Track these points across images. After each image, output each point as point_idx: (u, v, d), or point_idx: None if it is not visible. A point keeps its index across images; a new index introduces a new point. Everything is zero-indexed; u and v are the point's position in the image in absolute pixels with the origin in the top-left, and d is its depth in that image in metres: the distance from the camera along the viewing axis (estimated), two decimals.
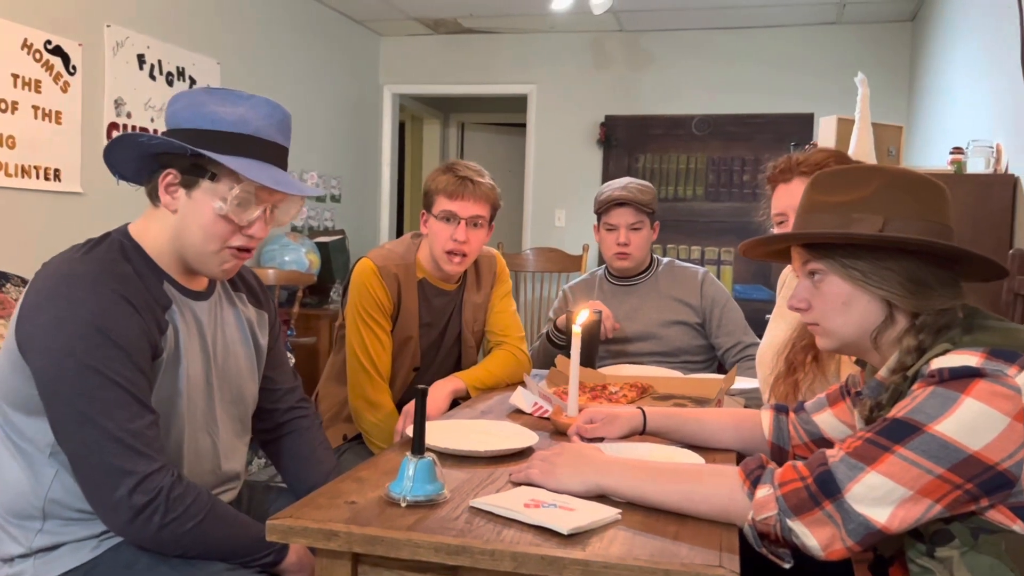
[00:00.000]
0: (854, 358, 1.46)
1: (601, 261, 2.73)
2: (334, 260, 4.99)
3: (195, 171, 1.34)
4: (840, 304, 1.25)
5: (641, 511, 1.22)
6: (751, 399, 2.16)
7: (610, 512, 1.19)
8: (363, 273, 2.12)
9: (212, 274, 1.42)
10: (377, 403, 2.10)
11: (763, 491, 1.14)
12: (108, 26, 3.63)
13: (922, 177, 1.24)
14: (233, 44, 4.46)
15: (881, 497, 1.08)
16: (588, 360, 2.29)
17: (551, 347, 2.60)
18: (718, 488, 1.19)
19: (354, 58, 5.83)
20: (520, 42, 5.97)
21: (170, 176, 1.35)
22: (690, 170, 5.70)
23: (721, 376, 2.29)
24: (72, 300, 1.24)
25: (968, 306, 1.21)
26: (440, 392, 2.07)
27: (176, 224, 1.37)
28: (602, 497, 1.27)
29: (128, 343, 1.25)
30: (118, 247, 1.35)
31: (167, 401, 1.35)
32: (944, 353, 1.13)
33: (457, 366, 2.30)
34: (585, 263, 5.57)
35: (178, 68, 4.05)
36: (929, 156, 4.03)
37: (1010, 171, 2.98)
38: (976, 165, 3.09)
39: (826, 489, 1.10)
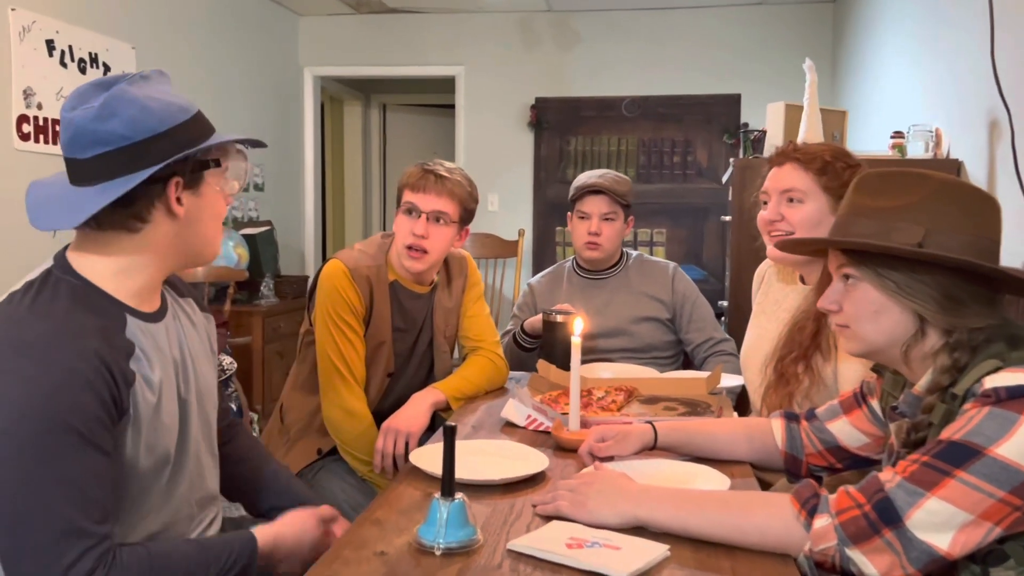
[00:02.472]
0: (871, 363, 1.45)
1: (540, 250, 2.66)
2: (263, 253, 4.78)
3: (199, 166, 1.23)
4: (871, 312, 1.23)
5: (689, 544, 1.17)
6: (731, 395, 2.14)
7: (659, 549, 1.13)
8: (333, 275, 2.01)
9: (212, 257, 1.32)
10: (356, 412, 1.99)
11: (821, 521, 1.11)
12: (13, 9, 3.33)
13: (972, 188, 1.21)
14: (148, 28, 4.19)
15: (943, 523, 1.06)
16: (563, 360, 2.22)
17: (518, 350, 2.53)
18: (771, 519, 1.14)
19: (273, 39, 5.57)
20: (447, 22, 5.82)
21: (176, 184, 1.21)
22: (621, 152, 5.69)
23: (700, 373, 2.26)
24: (19, 377, 1.07)
25: (1008, 319, 1.19)
26: (420, 406, 1.97)
27: (177, 231, 1.23)
28: (638, 528, 1.21)
29: (82, 424, 1.09)
30: (68, 292, 1.16)
31: (144, 451, 1.21)
32: (996, 371, 1.11)
33: (430, 372, 2.20)
34: (521, 248, 5.51)
35: (91, 54, 3.76)
36: (867, 141, 4.11)
37: (952, 155, 3.05)
38: (916, 149, 3.15)
39: (886, 516, 1.07)
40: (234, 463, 1.52)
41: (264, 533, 1.29)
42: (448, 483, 1.16)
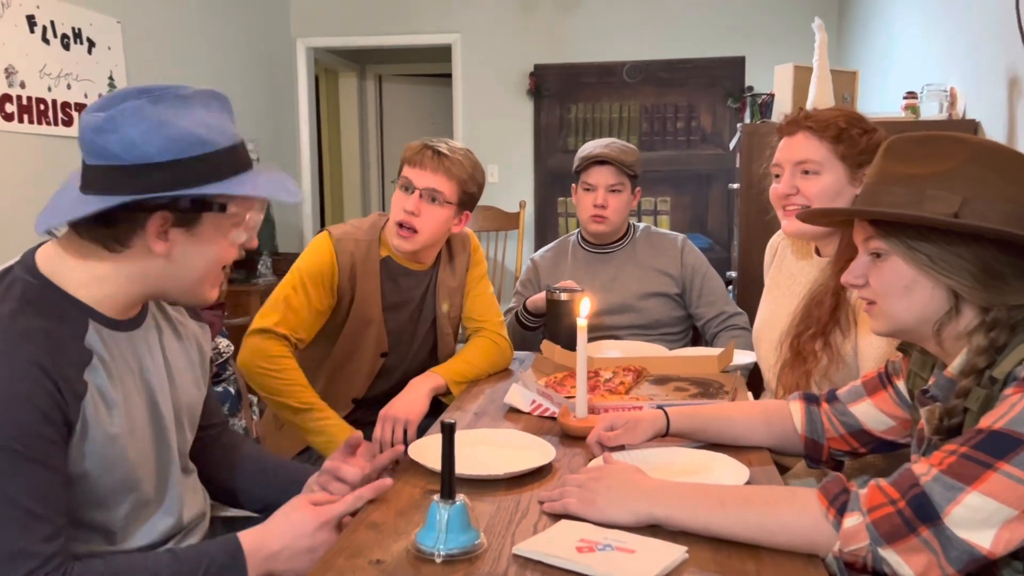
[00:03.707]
0: (894, 340, 1.36)
1: (543, 222, 2.56)
2: (259, 230, 4.67)
3: (197, 207, 1.10)
4: (901, 288, 1.14)
5: (708, 544, 1.08)
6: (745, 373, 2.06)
7: (677, 552, 1.05)
8: (317, 241, 1.98)
9: (202, 303, 1.21)
10: (269, 350, 1.85)
11: (851, 520, 1.02)
12: None
13: (1014, 152, 1.12)
14: (133, 0, 4.05)
15: (984, 519, 0.98)
16: (568, 341, 2.13)
17: (520, 329, 2.44)
18: (798, 517, 1.06)
19: (263, 10, 5.42)
20: None
21: (161, 219, 1.09)
22: (623, 119, 5.56)
23: (711, 350, 2.18)
24: None
25: None
26: (418, 392, 1.89)
27: (161, 268, 1.12)
28: (653, 527, 1.13)
29: (19, 441, 1.00)
30: (19, 293, 1.07)
31: (103, 465, 1.12)
32: None
33: (433, 354, 2.12)
34: (523, 220, 5.40)
35: (74, 29, 3.64)
36: (878, 102, 3.98)
37: (968, 116, 2.94)
38: (930, 110, 3.03)
39: (922, 513, 0.99)
40: (218, 465, 1.44)
41: (250, 534, 1.19)
42: (448, 485, 1.08)
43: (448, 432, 1.08)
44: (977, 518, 0.97)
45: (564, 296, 2.17)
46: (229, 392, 3.19)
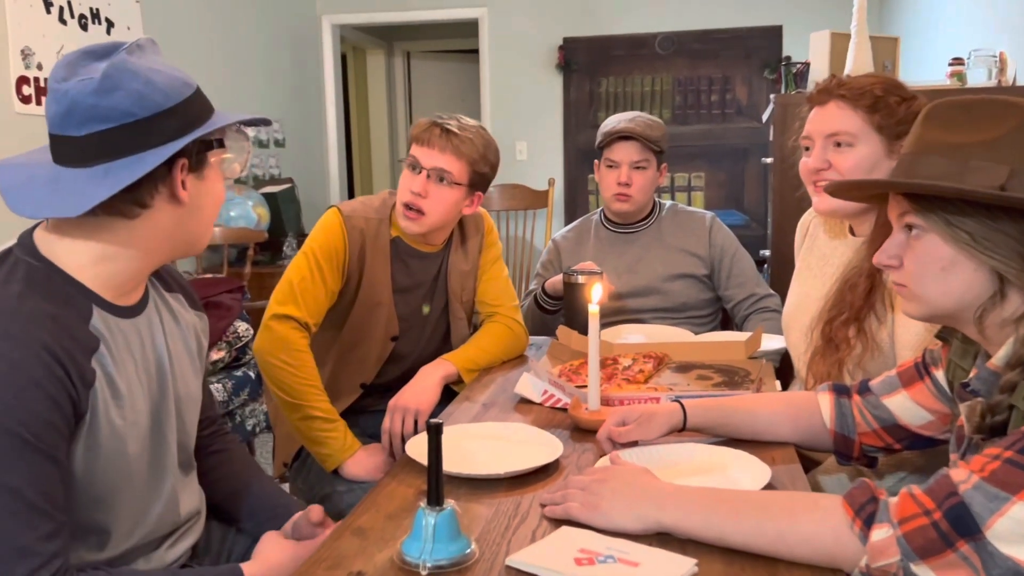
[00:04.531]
0: (935, 327, 1.24)
1: (572, 200, 2.45)
2: (284, 212, 4.63)
3: (204, 147, 1.10)
4: (938, 269, 1.03)
5: (720, 556, 0.99)
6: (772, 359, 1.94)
7: (686, 565, 0.96)
8: (326, 218, 1.89)
9: (202, 249, 1.19)
10: (284, 336, 1.77)
11: (880, 532, 0.92)
12: None
13: None
14: None
15: None
16: (585, 326, 2.03)
17: (540, 312, 2.35)
18: (819, 527, 0.96)
19: None
20: None
21: (183, 167, 1.08)
22: (655, 92, 5.40)
23: (739, 335, 2.06)
24: None
25: None
26: (429, 380, 1.81)
27: (178, 218, 1.10)
28: (661, 534, 1.04)
29: (26, 428, 0.95)
30: (24, 276, 1.02)
31: (104, 460, 1.06)
32: None
33: (446, 340, 2.03)
34: (551, 198, 5.29)
35: (92, 9, 3.59)
36: (922, 70, 3.79)
37: (1019, 83, 2.76)
38: (978, 77, 2.86)
39: (960, 526, 0.88)
40: (216, 475, 1.37)
41: (254, 567, 1.15)
42: (435, 490, 0.99)
43: (434, 434, 0.99)
44: (1023, 532, 0.86)
45: (582, 279, 2.07)
46: (249, 376, 3.15)
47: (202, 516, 1.31)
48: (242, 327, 3.16)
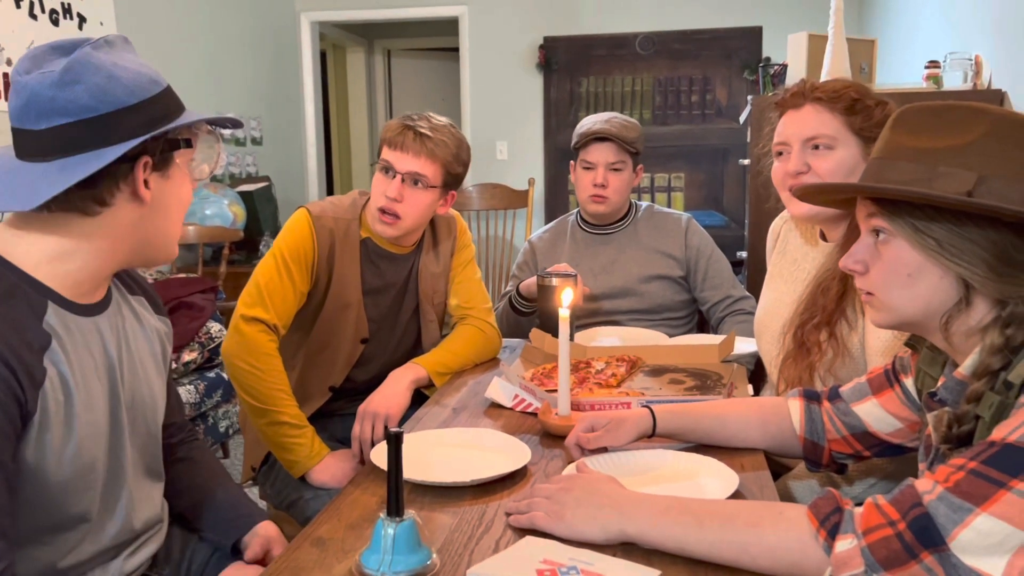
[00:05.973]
0: (904, 334, 1.23)
1: (552, 200, 2.44)
2: (260, 210, 4.58)
3: (170, 145, 1.08)
4: (904, 275, 1.02)
5: (685, 566, 0.97)
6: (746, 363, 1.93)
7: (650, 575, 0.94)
8: (295, 218, 1.86)
9: (171, 257, 1.16)
10: (259, 317, 1.75)
11: (844, 543, 0.91)
12: None
13: None
14: None
15: (995, 545, 0.86)
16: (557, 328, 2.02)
17: (515, 315, 2.33)
18: (783, 538, 0.95)
19: None
20: None
21: (146, 165, 1.06)
22: (635, 92, 5.40)
23: (713, 337, 2.05)
24: None
25: None
26: (399, 385, 1.78)
27: (139, 219, 1.07)
28: (626, 544, 1.02)
29: None
30: None
31: (57, 462, 1.03)
32: None
33: (417, 343, 2.01)
34: (532, 198, 5.27)
35: (63, 4, 3.54)
36: (898, 72, 3.80)
37: (994, 86, 2.77)
38: (954, 80, 2.87)
39: (924, 538, 0.87)
40: (180, 484, 1.34)
41: None
42: (395, 500, 0.97)
43: (394, 443, 0.97)
44: (987, 543, 0.85)
45: (555, 281, 2.05)
46: (222, 378, 3.12)
47: (164, 525, 1.28)
48: (215, 328, 3.13)
